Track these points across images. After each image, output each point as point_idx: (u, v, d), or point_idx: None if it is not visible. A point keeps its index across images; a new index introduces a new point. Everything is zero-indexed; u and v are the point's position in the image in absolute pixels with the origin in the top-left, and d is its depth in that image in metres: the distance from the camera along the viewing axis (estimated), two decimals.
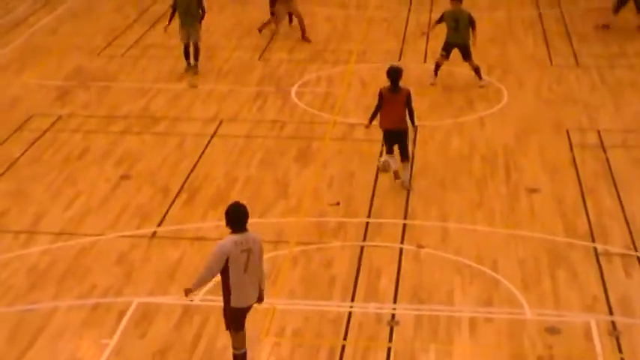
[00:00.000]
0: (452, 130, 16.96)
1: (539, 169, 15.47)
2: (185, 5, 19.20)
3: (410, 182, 14.71)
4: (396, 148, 14.61)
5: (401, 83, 14.37)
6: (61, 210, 14.19)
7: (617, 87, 18.94)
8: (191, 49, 19.60)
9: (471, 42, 18.55)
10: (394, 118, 14.32)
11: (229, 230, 9.79)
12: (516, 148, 16.21)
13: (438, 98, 18.44)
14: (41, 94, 18.70)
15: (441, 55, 18.71)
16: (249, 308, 10.11)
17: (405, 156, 14.58)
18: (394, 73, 14.28)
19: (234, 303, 9.89)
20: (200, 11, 19.31)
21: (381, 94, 14.34)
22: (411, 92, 14.58)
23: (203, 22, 19.59)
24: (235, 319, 10.07)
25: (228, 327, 10.17)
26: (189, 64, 19.71)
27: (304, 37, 21.56)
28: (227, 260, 9.67)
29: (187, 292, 9.86)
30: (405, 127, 14.43)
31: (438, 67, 18.81)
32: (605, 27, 22.08)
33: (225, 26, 22.92)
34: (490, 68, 19.92)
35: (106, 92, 18.80)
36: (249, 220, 9.83)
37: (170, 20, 19.40)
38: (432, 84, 18.83)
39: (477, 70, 18.77)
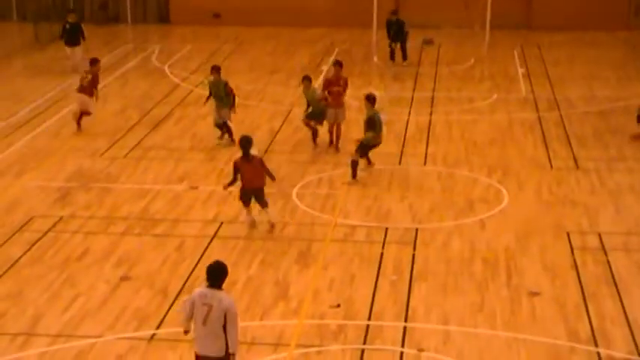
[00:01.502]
0: (452, 232, 16.95)
1: (541, 271, 15.41)
2: (215, 91, 21.38)
3: (273, 222, 16.79)
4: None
5: (252, 151, 16.36)
6: (60, 312, 14.09)
7: (617, 190, 19.00)
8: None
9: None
10: (253, 180, 16.47)
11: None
12: (517, 251, 16.18)
13: (439, 200, 18.49)
14: (42, 196, 18.75)
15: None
16: (205, 358, 10.81)
17: (263, 205, 16.71)
18: (245, 143, 16.37)
19: (195, 347, 10.88)
20: (230, 98, 21.46)
21: (235, 165, 16.49)
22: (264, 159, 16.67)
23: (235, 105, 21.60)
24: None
25: None
26: (222, 136, 21.89)
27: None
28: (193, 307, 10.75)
29: (186, 332, 11.08)
30: (262, 185, 16.55)
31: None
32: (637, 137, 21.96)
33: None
34: (490, 170, 20.02)
35: (106, 193, 18.86)
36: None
37: (206, 100, 21.89)
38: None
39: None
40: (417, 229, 17.07)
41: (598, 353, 12.91)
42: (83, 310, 14.13)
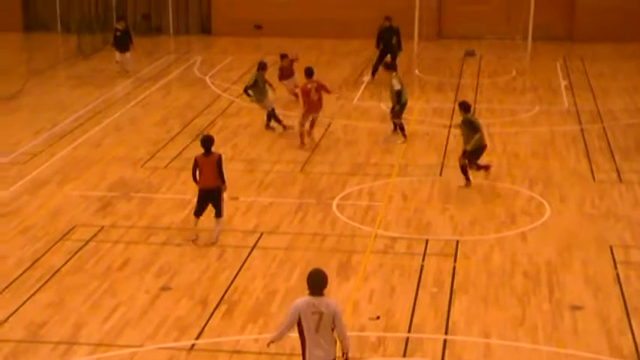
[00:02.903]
0: (494, 245, 16.84)
1: (583, 285, 15.26)
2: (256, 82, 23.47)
3: (217, 237, 16.87)
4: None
5: (213, 149, 16.57)
6: (101, 321, 14.17)
7: None
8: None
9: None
10: (208, 178, 16.44)
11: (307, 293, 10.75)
12: (559, 264, 16.04)
13: (480, 212, 18.38)
14: (84, 205, 18.89)
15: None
16: None
17: (218, 214, 16.77)
18: (205, 142, 16.61)
19: (307, 356, 10.74)
20: (267, 85, 23.92)
21: (195, 160, 16.66)
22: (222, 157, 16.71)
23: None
24: None
25: None
26: (283, 126, 23.54)
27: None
28: (300, 318, 10.68)
29: (269, 343, 11.12)
30: (218, 186, 16.49)
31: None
32: None
33: (266, 139, 23.16)
34: (532, 183, 19.88)
35: (147, 203, 18.95)
36: None
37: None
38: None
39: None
40: (457, 241, 16.98)
41: None
42: (124, 320, 14.20)
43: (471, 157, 19.44)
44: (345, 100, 27.21)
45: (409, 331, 13.76)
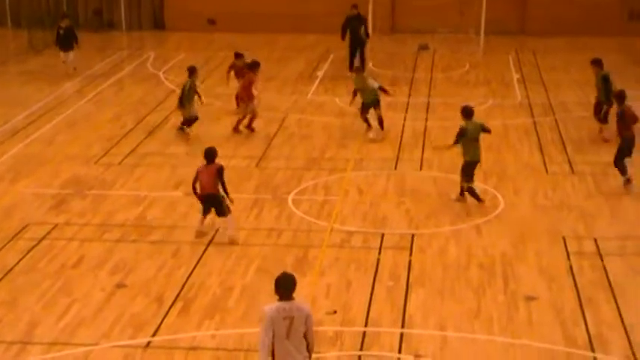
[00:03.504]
0: (449, 238, 16.93)
1: (537, 277, 15.39)
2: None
3: (233, 234, 16.59)
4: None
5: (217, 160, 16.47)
6: (55, 320, 14.03)
7: (613, 195, 18.98)
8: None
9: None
10: (206, 186, 16.30)
11: (277, 298, 10.44)
12: (513, 256, 16.16)
13: (435, 206, 18.46)
14: (37, 203, 18.69)
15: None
16: None
17: (220, 213, 16.52)
18: (209, 153, 16.52)
19: None
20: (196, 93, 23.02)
21: (197, 171, 16.50)
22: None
23: None
24: None
25: None
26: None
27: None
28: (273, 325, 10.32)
29: None
30: (216, 192, 16.31)
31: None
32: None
33: (222, 134, 23.07)
34: (486, 176, 20.00)
35: (102, 200, 18.80)
36: None
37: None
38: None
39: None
40: (413, 235, 17.05)
41: (595, 358, 12.89)
42: (78, 318, 14.08)
43: (464, 170, 18.30)
44: (299, 94, 27.20)
45: (366, 325, 13.79)
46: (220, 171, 16.36)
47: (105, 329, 13.73)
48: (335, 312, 14.17)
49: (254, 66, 23.37)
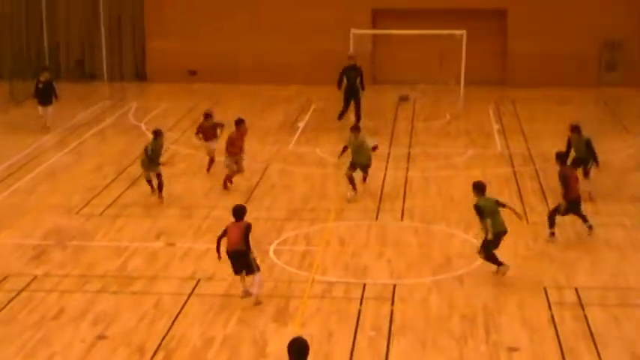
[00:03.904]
0: (431, 288, 16.94)
1: (519, 327, 15.40)
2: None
3: (257, 294, 16.14)
4: None
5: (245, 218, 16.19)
6: None
7: (593, 244, 19.07)
8: None
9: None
10: (233, 242, 15.98)
11: None
12: (495, 307, 16.17)
13: (416, 256, 18.50)
14: (17, 254, 18.61)
15: None
16: None
17: (249, 271, 16.10)
18: (238, 211, 16.32)
19: None
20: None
21: (226, 228, 16.28)
22: None
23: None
24: None
25: None
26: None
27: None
28: None
29: None
30: (244, 249, 15.96)
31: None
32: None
33: (203, 185, 23.10)
34: (467, 226, 20.05)
35: (82, 251, 18.74)
36: None
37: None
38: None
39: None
40: (395, 285, 17.05)
41: None
42: None
43: (489, 245, 17.29)
44: (280, 144, 27.30)
45: None
46: (249, 228, 16.09)
47: None
48: None
49: (239, 123, 22.86)
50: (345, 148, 22.37)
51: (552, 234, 19.26)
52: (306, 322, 15.53)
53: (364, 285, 17.04)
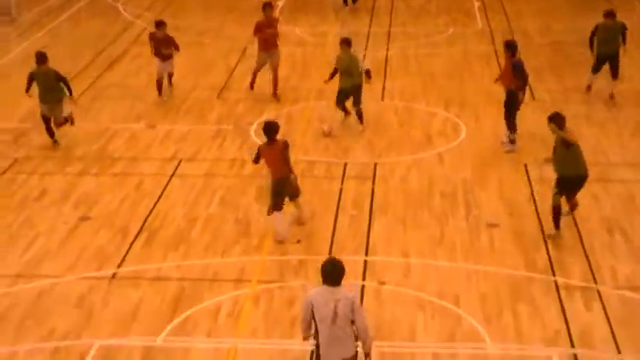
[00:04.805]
0: (411, 167, 17.02)
1: (499, 204, 15.55)
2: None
3: (304, 215, 14.73)
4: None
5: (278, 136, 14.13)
6: (20, 253, 14.02)
7: (573, 121, 19.02)
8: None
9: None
10: (277, 169, 14.10)
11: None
12: (475, 183, 16.29)
13: (396, 135, 18.52)
14: None
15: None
16: None
17: (294, 197, 14.51)
18: (269, 129, 14.07)
19: (322, 355, 9.55)
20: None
21: (258, 150, 14.23)
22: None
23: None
24: None
25: None
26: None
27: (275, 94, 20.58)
28: (313, 311, 9.49)
29: (304, 339, 9.81)
30: (288, 175, 14.15)
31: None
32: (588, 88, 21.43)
33: (182, 66, 22.87)
34: (447, 103, 20.06)
35: (62, 134, 18.63)
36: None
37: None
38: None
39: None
40: (375, 164, 17.12)
41: (555, 282, 13.11)
42: (43, 251, 14.07)
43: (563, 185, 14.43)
44: None
45: (330, 253, 13.88)
46: (286, 148, 14.15)
47: (70, 262, 13.74)
48: (299, 241, 14.26)
49: (266, 6, 20.63)
50: (335, 71, 18.83)
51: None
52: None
53: (345, 164, 17.10)
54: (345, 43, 18.48)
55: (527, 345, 11.65)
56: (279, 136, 14.19)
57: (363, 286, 12.98)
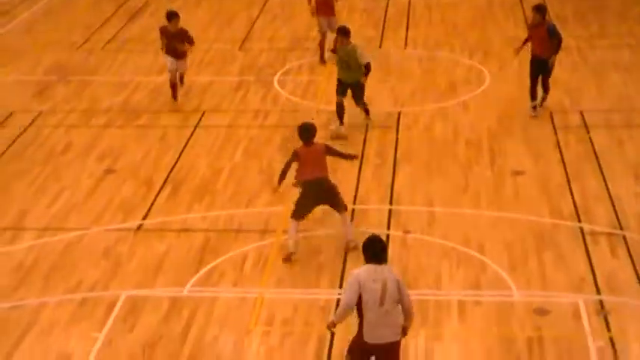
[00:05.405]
0: (435, 115, 16.94)
1: (524, 151, 15.47)
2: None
3: (352, 235, 12.65)
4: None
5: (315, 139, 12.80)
6: (46, 206, 14.11)
7: (599, 67, 18.95)
8: None
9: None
10: (315, 169, 12.57)
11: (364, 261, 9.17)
12: (500, 132, 16.21)
13: (420, 83, 18.43)
14: (20, 91, 18.57)
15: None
16: (381, 348, 9.13)
17: (340, 208, 12.71)
18: (305, 132, 12.76)
19: (365, 337, 9.08)
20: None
21: (295, 153, 12.70)
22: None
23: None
24: (360, 352, 9.23)
25: (348, 356, 9.41)
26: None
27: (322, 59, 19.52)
28: (360, 289, 8.99)
29: (330, 325, 9.33)
30: (327, 177, 12.62)
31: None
32: None
33: (203, 18, 22.82)
34: (471, 52, 19.92)
35: (86, 86, 18.69)
36: None
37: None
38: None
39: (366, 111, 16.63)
40: (399, 113, 17.05)
41: (581, 228, 13.07)
42: (69, 204, 14.16)
43: None
44: None
45: (354, 202, 13.90)
46: (328, 150, 12.88)
47: (96, 214, 13.82)
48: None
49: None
50: (334, 47, 17.96)
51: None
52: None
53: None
54: (342, 32, 16.23)
55: (553, 292, 11.65)
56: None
57: (387, 236, 12.99)
